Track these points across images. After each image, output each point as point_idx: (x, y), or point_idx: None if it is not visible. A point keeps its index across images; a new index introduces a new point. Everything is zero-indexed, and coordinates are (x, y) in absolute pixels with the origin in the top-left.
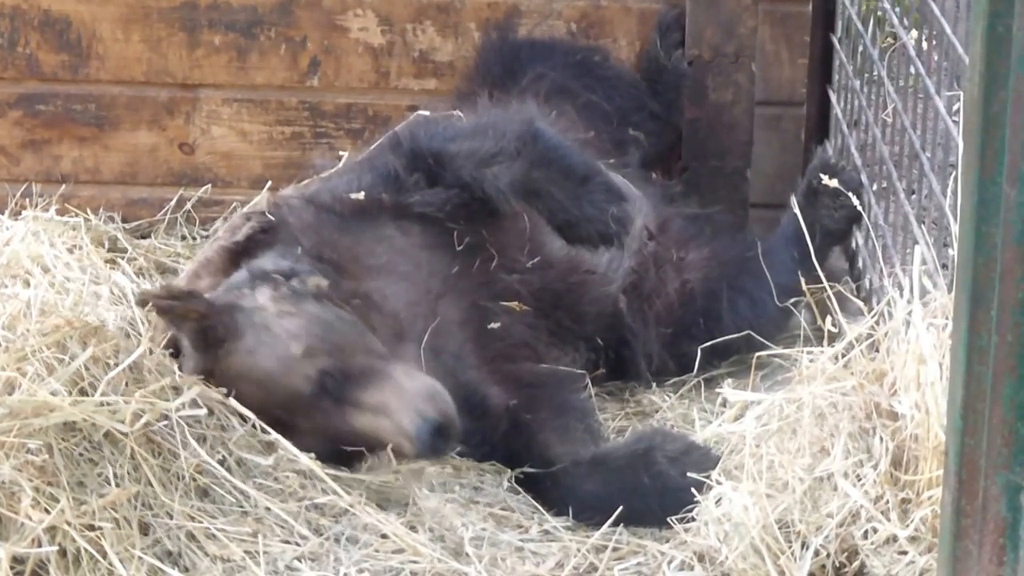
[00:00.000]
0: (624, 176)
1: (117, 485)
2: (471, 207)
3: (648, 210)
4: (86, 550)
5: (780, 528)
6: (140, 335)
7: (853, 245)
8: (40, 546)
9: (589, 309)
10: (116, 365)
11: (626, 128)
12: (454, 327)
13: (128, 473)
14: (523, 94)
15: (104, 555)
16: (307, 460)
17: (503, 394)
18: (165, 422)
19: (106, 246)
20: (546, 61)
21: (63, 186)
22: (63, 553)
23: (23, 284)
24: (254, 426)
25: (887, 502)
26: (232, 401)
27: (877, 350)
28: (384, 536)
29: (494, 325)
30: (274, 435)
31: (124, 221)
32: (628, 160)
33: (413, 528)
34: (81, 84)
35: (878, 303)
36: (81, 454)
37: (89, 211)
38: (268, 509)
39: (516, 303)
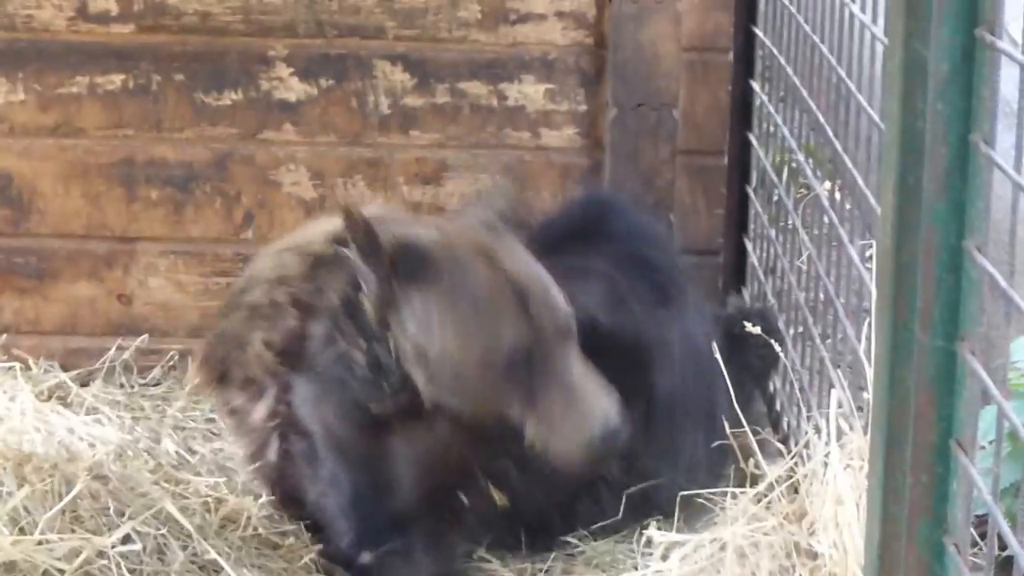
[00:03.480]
0: None
1: None
2: None
3: None
4: None
5: None
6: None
7: (771, 388)
8: None
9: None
10: (56, 496)
11: None
12: None
13: None
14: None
15: None
16: None
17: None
18: (103, 559)
19: (46, 395)
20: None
21: (3, 336)
22: None
23: None
24: (194, 552)
25: None
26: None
27: (796, 491)
28: None
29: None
30: (218, 559)
31: (64, 370)
32: None
33: None
34: (22, 238)
35: (796, 444)
36: None
37: (30, 360)
38: None
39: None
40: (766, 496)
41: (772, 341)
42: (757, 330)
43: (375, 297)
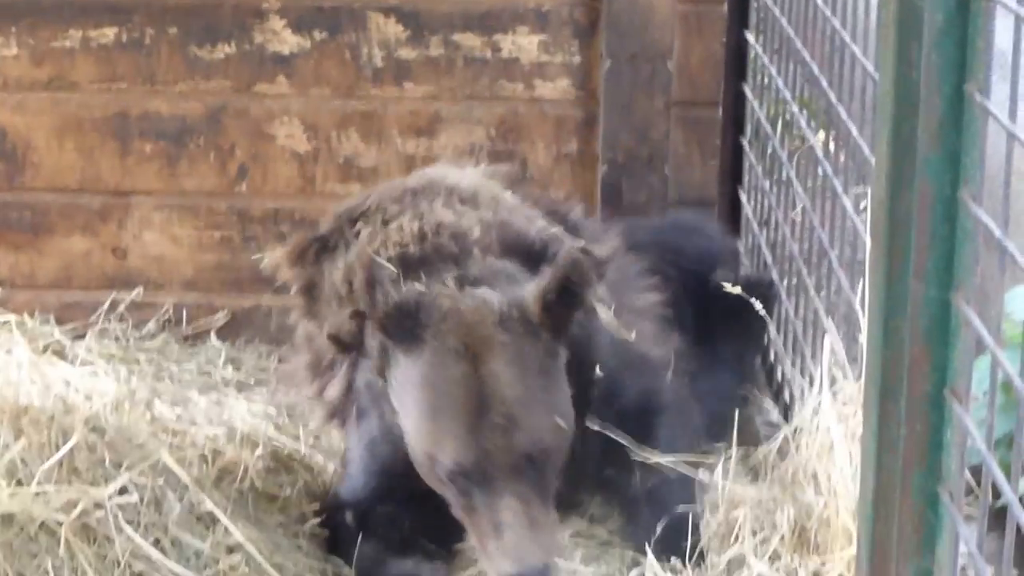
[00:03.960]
0: None
1: None
2: None
3: None
4: None
5: None
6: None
7: (765, 339)
8: None
9: None
10: (52, 447)
11: None
12: None
13: (65, 563)
14: None
15: None
16: (242, 538)
17: None
18: (100, 511)
19: (41, 348)
20: None
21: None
22: None
23: None
24: (192, 503)
25: (795, 570)
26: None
27: (789, 440)
28: None
29: None
30: (214, 510)
31: (59, 323)
32: None
33: None
34: (16, 192)
35: (789, 395)
36: (20, 545)
37: (25, 314)
38: None
39: None
40: (757, 447)
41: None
42: (737, 290)
43: (372, 349)
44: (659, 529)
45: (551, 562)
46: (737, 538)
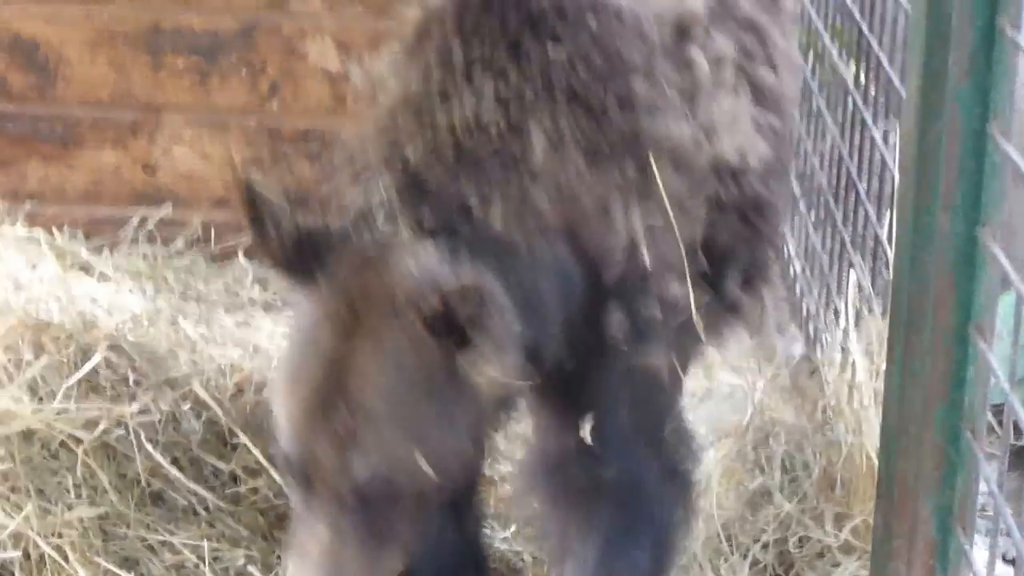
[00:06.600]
0: None
1: (76, 494)
2: None
3: None
4: (50, 556)
5: (723, 540)
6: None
7: (791, 272)
8: (5, 551)
9: None
10: (72, 366)
11: None
12: None
13: (85, 480)
14: None
15: (67, 560)
16: (263, 460)
17: None
18: (120, 429)
19: (69, 262)
20: None
21: (27, 203)
22: (27, 557)
23: None
24: (213, 422)
25: (822, 514)
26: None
27: (814, 374)
28: None
29: None
30: (237, 432)
31: (87, 238)
32: None
33: None
34: (48, 104)
35: (814, 328)
36: (40, 461)
37: (54, 228)
38: (221, 510)
39: None
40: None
41: None
42: None
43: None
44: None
45: None
46: (764, 470)
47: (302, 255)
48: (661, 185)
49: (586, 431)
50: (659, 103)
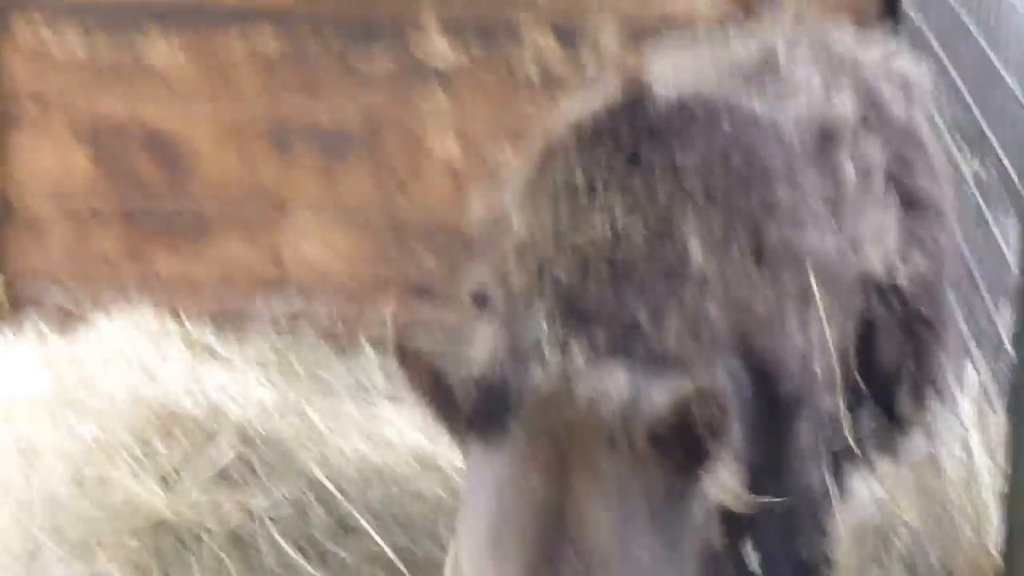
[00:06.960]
0: None
1: None
2: None
3: None
4: None
5: None
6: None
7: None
8: None
9: None
10: (201, 456)
11: None
12: None
13: (214, 570)
14: None
15: None
16: (388, 551)
17: None
18: (250, 520)
19: (198, 351)
20: None
21: (160, 294)
22: None
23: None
24: (339, 513)
25: None
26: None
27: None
28: None
29: None
30: (359, 519)
31: (217, 329)
32: None
33: None
34: (180, 198)
35: (935, 423)
36: (171, 551)
37: (184, 318)
38: None
39: None
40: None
41: None
42: None
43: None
44: None
45: None
46: (882, 564)
47: (486, 409)
48: (818, 295)
49: (753, 560)
50: (802, 211)
